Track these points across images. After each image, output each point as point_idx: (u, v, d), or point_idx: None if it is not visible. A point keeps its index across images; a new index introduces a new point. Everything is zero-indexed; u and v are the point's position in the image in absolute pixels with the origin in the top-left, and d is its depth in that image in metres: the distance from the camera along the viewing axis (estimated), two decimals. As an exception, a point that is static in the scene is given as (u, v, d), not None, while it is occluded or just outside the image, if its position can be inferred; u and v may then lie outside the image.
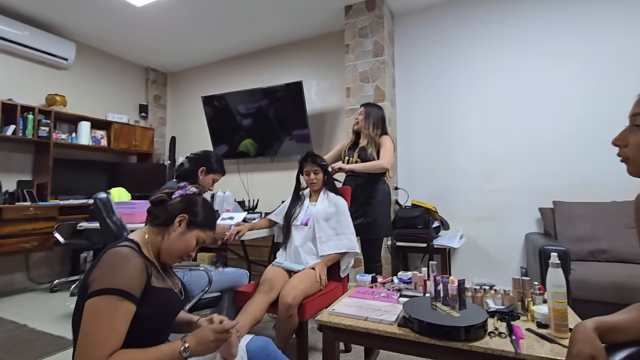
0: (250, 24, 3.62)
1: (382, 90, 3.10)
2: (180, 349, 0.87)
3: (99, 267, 0.86)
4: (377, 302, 1.31)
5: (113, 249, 0.89)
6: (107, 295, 0.81)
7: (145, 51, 4.30)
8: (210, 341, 0.91)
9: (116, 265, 0.85)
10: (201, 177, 1.88)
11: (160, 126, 4.90)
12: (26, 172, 3.55)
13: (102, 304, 0.81)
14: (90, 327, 0.79)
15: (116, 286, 0.82)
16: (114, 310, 0.81)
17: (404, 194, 3.23)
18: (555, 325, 1.01)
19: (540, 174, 2.81)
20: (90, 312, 0.81)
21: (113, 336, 0.80)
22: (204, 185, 1.90)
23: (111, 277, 0.83)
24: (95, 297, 0.81)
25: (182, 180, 1.86)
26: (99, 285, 0.82)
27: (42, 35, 3.51)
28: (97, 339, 0.78)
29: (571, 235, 2.43)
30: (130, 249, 0.90)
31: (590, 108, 2.68)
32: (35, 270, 3.53)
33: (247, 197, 3.99)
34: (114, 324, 0.81)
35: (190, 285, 1.69)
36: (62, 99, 3.68)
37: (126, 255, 0.88)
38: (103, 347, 0.78)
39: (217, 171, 1.93)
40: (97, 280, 0.83)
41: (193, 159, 1.90)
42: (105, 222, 2.04)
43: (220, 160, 1.96)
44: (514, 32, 2.95)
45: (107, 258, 0.87)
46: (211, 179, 1.91)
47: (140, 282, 0.87)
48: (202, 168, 1.88)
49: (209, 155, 1.93)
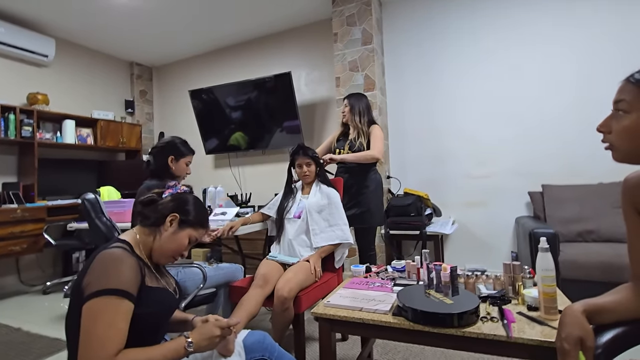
0: (236, 13, 3.54)
1: (372, 79, 3.08)
2: (184, 344, 0.88)
3: (93, 270, 0.85)
4: (371, 292, 1.32)
5: (105, 251, 0.88)
6: (106, 296, 0.80)
7: (128, 45, 4.19)
8: (215, 336, 0.92)
9: (110, 267, 0.84)
10: (173, 166, 1.79)
11: (148, 122, 4.82)
12: (11, 173, 3.47)
13: (101, 304, 0.80)
14: (92, 329, 0.78)
15: (113, 286, 0.81)
16: (114, 310, 0.81)
17: (396, 182, 3.25)
18: (545, 307, 1.03)
19: (530, 158, 2.84)
20: (91, 314, 0.80)
21: (117, 335, 0.80)
22: (180, 173, 1.81)
23: (106, 278, 0.82)
24: (94, 299, 0.80)
25: (157, 177, 1.78)
26: (96, 287, 0.81)
27: (19, 31, 3.39)
28: (101, 339, 0.78)
29: (560, 218, 2.48)
30: (122, 250, 0.89)
31: (578, 92, 2.71)
32: (27, 272, 3.49)
33: (239, 191, 3.97)
34: (116, 323, 0.80)
35: (185, 282, 1.68)
36: (44, 97, 3.57)
37: (119, 256, 0.87)
38: (108, 347, 0.78)
39: (186, 153, 1.83)
40: (92, 283, 0.82)
41: (158, 152, 1.80)
42: (94, 224, 2.01)
43: (184, 142, 1.85)
44: (503, 17, 2.95)
45: (99, 260, 0.86)
46: (184, 163, 1.82)
47: (135, 282, 0.87)
48: (171, 157, 1.78)
49: (172, 141, 1.83)
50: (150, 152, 1.83)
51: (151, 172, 1.81)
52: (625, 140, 0.70)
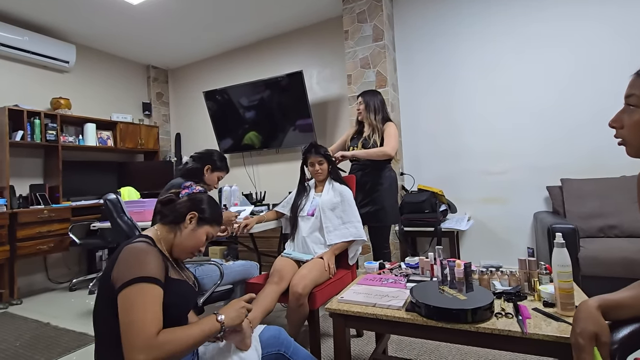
0: (247, 14, 3.58)
1: (384, 75, 3.07)
2: (216, 318, 0.93)
3: (120, 264, 0.89)
4: (385, 288, 1.33)
5: (129, 245, 0.93)
6: (138, 283, 0.85)
7: (144, 49, 4.30)
8: (241, 307, 0.99)
9: (138, 257, 0.89)
10: (207, 175, 1.93)
11: (165, 123, 4.94)
12: (37, 176, 3.62)
13: (135, 291, 0.84)
14: (131, 315, 0.82)
15: (143, 274, 0.86)
16: (148, 295, 0.85)
17: (410, 179, 3.23)
18: (561, 304, 1.02)
19: (547, 152, 2.78)
20: (127, 302, 0.84)
21: (155, 317, 0.84)
22: (210, 182, 1.95)
23: (136, 268, 0.87)
24: (127, 287, 0.84)
25: (188, 178, 1.89)
26: (127, 277, 0.86)
27: (42, 39, 3.53)
28: (141, 323, 0.82)
29: (580, 213, 2.41)
30: (146, 244, 0.94)
31: (599, 84, 2.62)
32: (54, 270, 3.65)
33: (254, 190, 4.03)
34: (152, 306, 0.85)
35: (202, 279, 1.73)
36: (66, 102, 3.72)
37: (144, 249, 0.92)
38: (149, 328, 0.82)
39: (222, 169, 1.98)
40: (122, 275, 0.87)
41: (198, 157, 1.94)
42: (116, 223, 2.09)
43: (223, 157, 2.01)
44: (517, 10, 2.87)
45: (126, 254, 0.91)
46: (216, 176, 1.96)
47: (161, 271, 0.92)
48: (208, 166, 1.93)
49: (213, 153, 1.98)
50: (191, 155, 1.98)
51: (185, 172, 1.92)
52: (637, 134, 0.69)
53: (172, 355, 0.82)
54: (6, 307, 2.91)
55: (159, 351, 0.80)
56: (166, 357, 0.81)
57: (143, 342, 0.80)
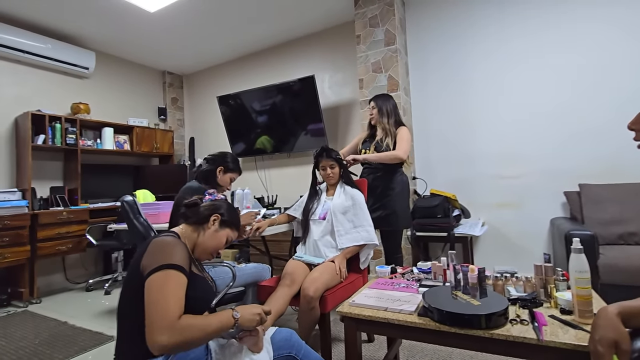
0: (260, 20, 3.64)
1: (396, 79, 3.07)
2: (232, 314, 0.97)
3: (149, 254, 0.95)
4: (396, 292, 1.32)
5: (158, 238, 0.99)
6: (165, 269, 0.90)
7: (160, 55, 4.41)
8: (257, 313, 1.02)
9: (166, 248, 0.96)
10: (219, 176, 1.96)
11: (179, 128, 5.03)
12: (57, 178, 3.74)
13: (162, 276, 0.90)
14: (157, 297, 0.87)
15: (171, 262, 0.92)
16: (174, 281, 0.90)
17: (422, 183, 3.20)
18: (579, 311, 0.99)
19: (564, 156, 2.71)
20: (154, 285, 0.89)
21: (178, 302, 0.89)
22: (223, 184, 1.99)
23: (164, 256, 0.93)
24: (155, 273, 0.90)
25: (202, 180, 1.93)
26: (155, 264, 0.91)
27: (64, 46, 3.66)
28: (166, 305, 0.86)
29: (599, 219, 2.35)
30: (174, 238, 1.01)
31: (615, 85, 2.56)
32: (72, 270, 3.74)
33: (266, 194, 4.06)
34: (177, 292, 0.90)
35: (215, 280, 1.75)
36: (85, 106, 3.83)
37: (172, 241, 0.99)
38: (172, 312, 0.86)
39: (234, 170, 2.02)
40: (150, 263, 0.92)
41: (211, 160, 1.99)
42: (132, 224, 2.14)
43: (236, 160, 2.05)
44: (531, 12, 2.84)
45: (155, 245, 0.97)
46: (229, 177, 2.00)
47: (187, 262, 0.98)
48: (220, 167, 1.97)
49: (226, 155, 2.02)
50: (205, 158, 2.03)
51: (198, 174, 1.97)
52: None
53: (190, 341, 0.86)
54: (26, 306, 3.00)
55: (179, 335, 0.84)
56: (185, 342, 0.85)
57: (166, 323, 0.83)
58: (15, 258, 2.97)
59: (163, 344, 0.82)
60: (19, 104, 3.45)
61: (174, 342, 0.83)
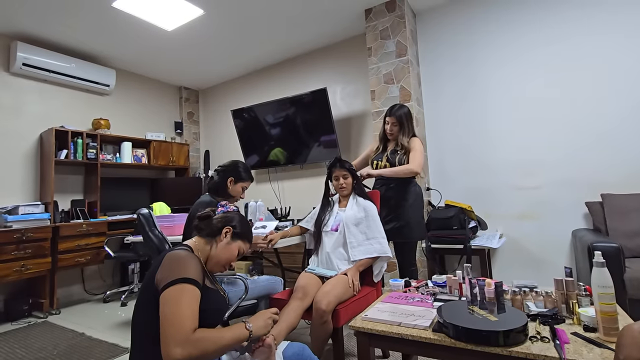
0: (273, 36, 3.72)
1: (408, 90, 3.06)
2: (245, 326, 0.98)
3: (164, 267, 0.96)
4: (410, 306, 1.29)
5: (173, 252, 1.01)
6: (180, 283, 0.92)
7: (177, 71, 4.56)
8: (268, 317, 1.04)
9: (181, 262, 0.97)
10: (230, 187, 1.94)
11: (195, 141, 5.14)
12: (78, 191, 3.86)
13: (177, 290, 0.91)
14: (172, 311, 0.88)
15: (185, 275, 0.93)
16: (189, 294, 0.91)
17: (437, 194, 3.15)
18: (603, 328, 0.94)
19: (585, 165, 2.63)
20: (169, 299, 0.90)
21: (192, 315, 0.90)
22: (235, 194, 1.96)
23: (178, 270, 0.94)
24: (170, 287, 0.91)
25: (213, 193, 1.94)
26: (170, 278, 0.93)
27: (86, 65, 3.83)
28: (180, 318, 0.87)
29: (624, 230, 2.25)
30: (187, 252, 1.03)
31: (635, 91, 2.48)
32: (90, 282, 3.82)
33: (279, 205, 4.07)
34: (191, 305, 0.91)
35: (228, 293, 1.75)
36: (106, 122, 3.98)
37: (186, 255, 1.00)
38: (187, 325, 0.87)
39: (245, 179, 1.99)
40: (165, 277, 0.94)
41: (221, 171, 1.97)
42: (147, 236, 2.17)
43: (247, 168, 2.02)
44: (548, 17, 2.80)
45: (169, 259, 0.98)
46: (240, 187, 1.97)
47: (201, 276, 0.99)
48: (231, 178, 1.94)
49: (236, 165, 2.00)
50: (215, 169, 2.01)
51: (210, 187, 1.97)
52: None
53: (205, 354, 0.86)
54: (46, 317, 3.07)
55: (193, 348, 0.85)
56: (199, 355, 0.85)
57: (181, 336, 0.85)
58: (37, 269, 3.06)
59: (178, 357, 0.83)
60: (43, 121, 3.61)
61: (189, 355, 0.84)
